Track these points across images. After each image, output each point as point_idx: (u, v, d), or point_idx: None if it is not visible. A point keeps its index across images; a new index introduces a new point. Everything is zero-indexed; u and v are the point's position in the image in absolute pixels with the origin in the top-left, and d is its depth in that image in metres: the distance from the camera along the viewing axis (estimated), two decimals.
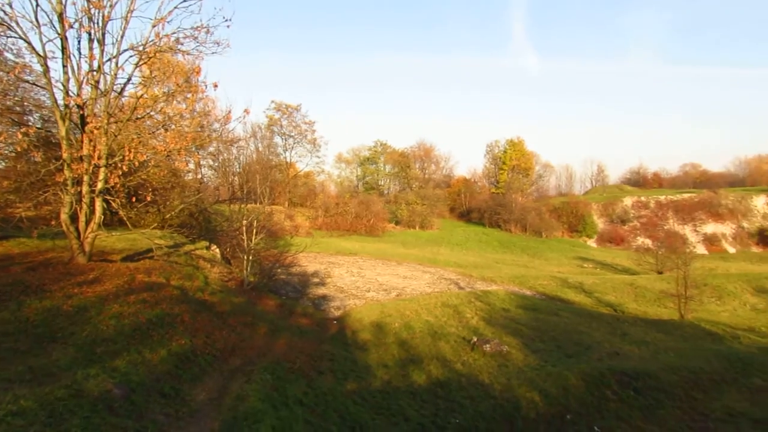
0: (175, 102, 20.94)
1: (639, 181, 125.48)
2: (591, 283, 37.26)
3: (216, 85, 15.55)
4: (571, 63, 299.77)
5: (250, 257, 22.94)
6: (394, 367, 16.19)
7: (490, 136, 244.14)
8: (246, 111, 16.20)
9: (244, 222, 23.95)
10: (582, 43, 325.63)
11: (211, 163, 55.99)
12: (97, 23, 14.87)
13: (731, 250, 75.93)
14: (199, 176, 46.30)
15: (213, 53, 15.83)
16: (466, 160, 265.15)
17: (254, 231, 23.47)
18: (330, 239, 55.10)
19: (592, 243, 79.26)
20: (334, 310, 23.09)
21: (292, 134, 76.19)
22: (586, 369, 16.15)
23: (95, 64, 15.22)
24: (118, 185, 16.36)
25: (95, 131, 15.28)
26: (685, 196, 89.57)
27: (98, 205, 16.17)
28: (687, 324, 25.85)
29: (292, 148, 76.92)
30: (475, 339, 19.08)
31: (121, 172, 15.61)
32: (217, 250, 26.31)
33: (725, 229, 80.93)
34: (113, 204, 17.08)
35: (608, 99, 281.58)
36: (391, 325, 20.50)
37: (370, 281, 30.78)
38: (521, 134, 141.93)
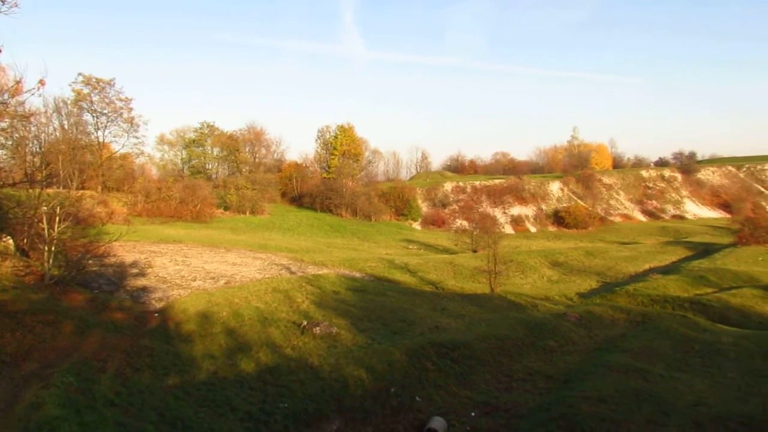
0: None
1: (458, 168, 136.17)
2: (415, 263, 39.58)
3: None
4: (397, 54, 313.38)
5: (53, 248, 20.32)
6: (221, 357, 15.59)
7: (321, 122, 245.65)
8: (41, 82, 14.07)
9: (44, 209, 21.07)
10: (406, 36, 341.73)
11: (3, 141, 48.42)
12: None
13: (533, 229, 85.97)
14: None
15: None
16: (298, 145, 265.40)
17: (57, 219, 20.77)
18: (151, 226, 51.12)
19: (417, 226, 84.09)
20: (155, 302, 21.47)
21: (105, 111, 68.41)
22: (409, 344, 17.15)
23: None
24: None
25: None
26: (497, 181, 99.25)
27: None
28: (496, 297, 28.72)
29: (106, 126, 69.11)
30: (305, 323, 19.16)
31: None
32: (11, 241, 22.86)
33: (528, 211, 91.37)
34: None
35: (431, 91, 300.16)
36: (219, 314, 19.69)
37: (197, 270, 29.22)
38: (351, 120, 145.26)
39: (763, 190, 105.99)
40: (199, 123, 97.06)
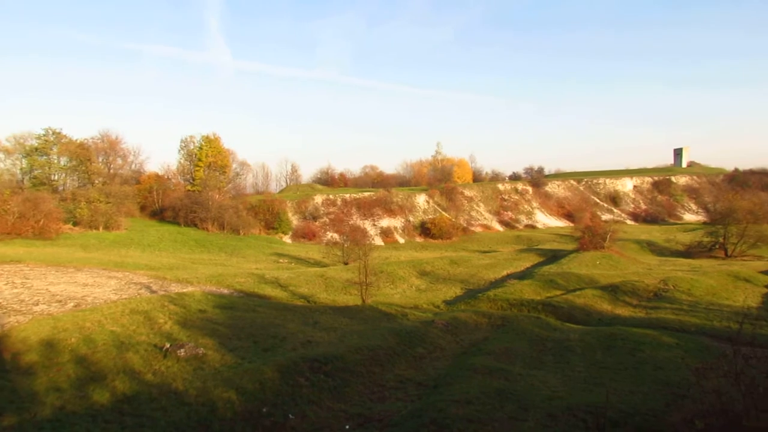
0: None
1: (328, 181, 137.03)
2: (286, 277, 38.91)
3: None
4: (266, 65, 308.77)
5: None
6: (69, 389, 14.02)
7: (185, 131, 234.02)
8: None
9: None
10: (275, 47, 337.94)
11: None
12: None
13: (401, 240, 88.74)
14: None
15: None
16: (159, 156, 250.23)
17: None
18: None
19: (287, 239, 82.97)
20: None
21: None
22: (281, 360, 16.72)
23: None
24: None
25: None
26: (366, 194, 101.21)
27: None
28: (368, 308, 29.08)
29: None
30: (168, 345, 17.91)
31: None
32: None
33: (397, 222, 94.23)
34: None
35: (300, 104, 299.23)
36: (67, 341, 17.70)
37: (40, 292, 26.11)
38: (218, 131, 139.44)
39: (598, 201, 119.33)
40: (42, 129, 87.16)
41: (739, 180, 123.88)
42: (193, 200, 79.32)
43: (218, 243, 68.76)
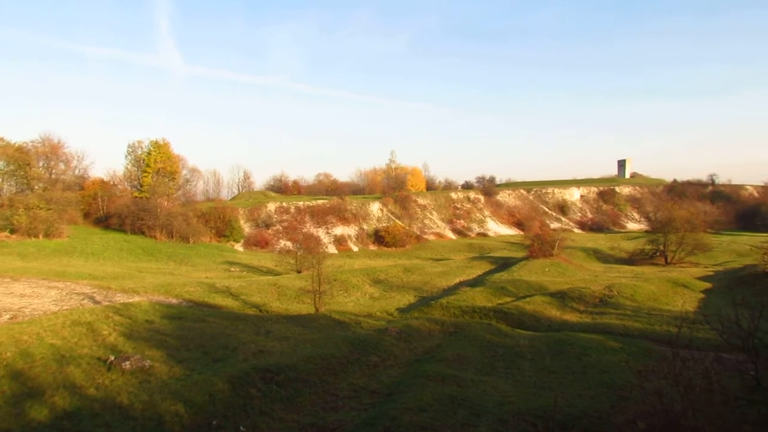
0: None
1: (281, 188, 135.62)
2: (238, 286, 38.21)
3: None
4: (218, 71, 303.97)
5: None
6: (4, 406, 13.27)
7: (132, 136, 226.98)
8: None
9: None
10: (227, 52, 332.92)
11: None
12: None
13: (355, 248, 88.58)
14: None
15: None
16: (105, 161, 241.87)
17: None
18: None
19: (239, 247, 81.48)
20: None
21: None
22: (232, 371, 16.37)
23: None
24: None
25: None
26: (320, 202, 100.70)
27: None
28: (321, 316, 28.88)
29: None
30: (112, 358, 17.24)
31: None
32: None
33: (350, 230, 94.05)
34: None
35: (252, 110, 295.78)
36: (2, 355, 16.77)
37: None
38: (167, 136, 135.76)
39: (547, 210, 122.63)
40: None
41: (678, 191, 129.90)
42: (140, 207, 76.84)
43: (167, 251, 66.89)
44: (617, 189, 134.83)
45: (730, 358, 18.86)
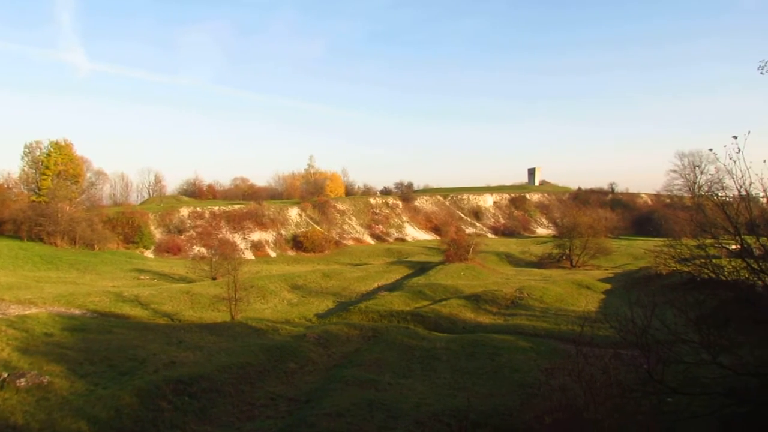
0: None
1: (195, 192, 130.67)
2: (148, 294, 36.46)
3: None
4: (127, 69, 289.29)
5: None
6: None
7: (29, 136, 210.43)
8: None
9: None
10: (137, 50, 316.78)
11: None
12: None
13: (273, 254, 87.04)
14: None
15: None
16: None
17: None
18: None
19: (149, 254, 77.73)
20: None
21: None
22: (141, 384, 15.63)
23: None
24: None
25: None
26: (236, 207, 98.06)
27: None
28: (237, 324, 28.19)
29: None
30: (5, 375, 15.91)
31: None
32: None
33: (268, 236, 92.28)
34: None
35: (164, 111, 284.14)
36: None
37: None
38: (69, 137, 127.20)
39: (462, 215, 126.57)
40: None
41: (582, 198, 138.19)
42: (38, 212, 71.35)
43: (69, 259, 62.58)
44: (527, 196, 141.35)
45: (626, 354, 20.32)
